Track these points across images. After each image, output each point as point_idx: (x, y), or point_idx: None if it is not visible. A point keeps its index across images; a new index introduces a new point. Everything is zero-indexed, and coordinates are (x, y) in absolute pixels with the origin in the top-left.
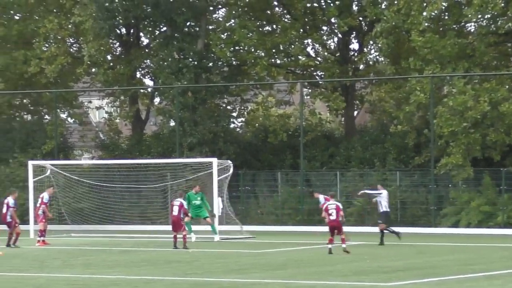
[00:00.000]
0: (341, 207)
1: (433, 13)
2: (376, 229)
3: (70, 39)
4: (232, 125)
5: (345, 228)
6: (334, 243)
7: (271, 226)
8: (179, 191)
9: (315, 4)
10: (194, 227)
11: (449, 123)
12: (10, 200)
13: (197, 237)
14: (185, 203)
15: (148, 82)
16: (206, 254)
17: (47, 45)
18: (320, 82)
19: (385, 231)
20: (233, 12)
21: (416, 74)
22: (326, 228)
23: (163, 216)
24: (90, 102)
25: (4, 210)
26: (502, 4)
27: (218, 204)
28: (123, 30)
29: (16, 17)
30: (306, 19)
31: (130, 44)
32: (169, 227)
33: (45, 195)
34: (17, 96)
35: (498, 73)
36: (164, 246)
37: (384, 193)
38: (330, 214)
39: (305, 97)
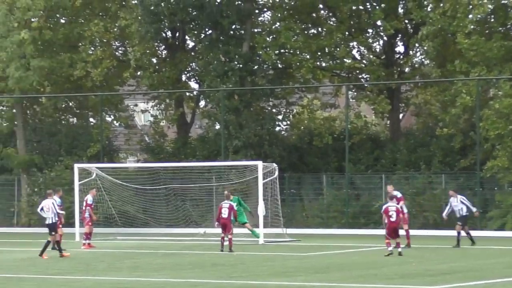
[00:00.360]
0: (401, 209)
1: (479, 16)
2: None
3: (116, 42)
4: (277, 128)
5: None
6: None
7: (316, 229)
8: (226, 193)
9: (361, 7)
10: (235, 230)
11: (495, 126)
12: (55, 199)
13: (242, 240)
14: (234, 205)
15: (193, 85)
16: (251, 257)
17: (92, 48)
18: (366, 85)
19: (462, 234)
20: (279, 14)
21: (462, 76)
22: (370, 231)
23: (208, 219)
24: (136, 105)
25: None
26: None
27: (262, 208)
28: (169, 33)
29: (62, 21)
30: (351, 22)
31: (175, 47)
32: (215, 230)
33: (89, 197)
34: (63, 99)
35: None
36: (209, 249)
37: (458, 198)
38: (390, 216)
39: (351, 100)
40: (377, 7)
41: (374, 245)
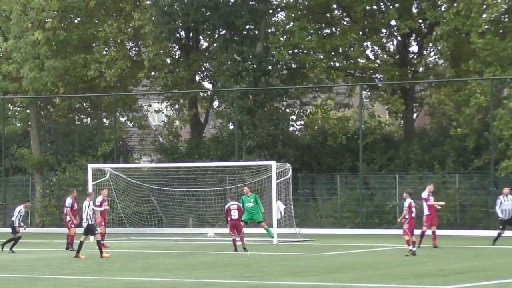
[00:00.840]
0: (413, 204)
1: (493, 15)
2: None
3: (130, 43)
4: (291, 128)
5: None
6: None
7: (330, 229)
8: (231, 195)
9: (375, 7)
10: (249, 230)
11: (509, 126)
12: (67, 200)
13: (255, 240)
14: (241, 206)
15: (207, 85)
16: (265, 257)
17: (106, 49)
18: (380, 85)
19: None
20: (292, 15)
21: (476, 76)
22: (384, 231)
23: (222, 219)
24: (150, 105)
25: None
26: None
27: (277, 207)
28: (183, 34)
29: (76, 21)
30: (365, 22)
31: (189, 47)
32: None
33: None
34: (76, 100)
35: None
36: (223, 249)
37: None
38: (411, 212)
39: (364, 100)
40: (391, 7)
41: (388, 245)
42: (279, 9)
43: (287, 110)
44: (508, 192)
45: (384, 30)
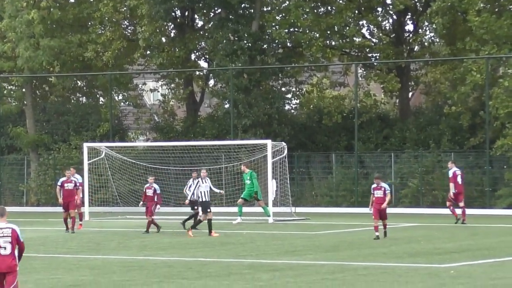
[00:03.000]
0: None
1: None
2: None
3: (125, 22)
4: (286, 107)
5: (400, 210)
6: None
7: (325, 207)
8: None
9: None
10: (248, 209)
11: (505, 105)
12: (61, 178)
13: (251, 219)
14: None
15: (202, 64)
16: (261, 235)
17: (102, 29)
18: (375, 64)
19: None
20: None
21: (471, 55)
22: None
23: (218, 198)
24: (145, 84)
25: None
26: None
27: (272, 186)
28: (178, 13)
29: (72, 0)
30: (361, 0)
31: (184, 26)
32: (222, 209)
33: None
34: (72, 79)
35: None
36: (218, 228)
37: None
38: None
39: (360, 79)
40: None
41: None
42: None
43: (283, 89)
44: None
45: (379, 9)
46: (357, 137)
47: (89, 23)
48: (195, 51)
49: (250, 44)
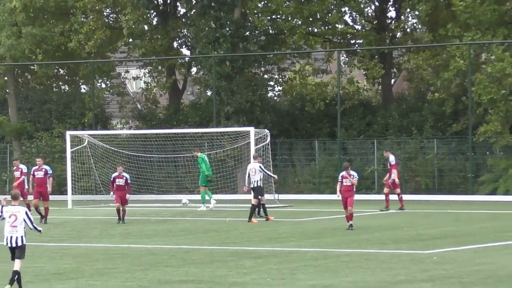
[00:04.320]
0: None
1: None
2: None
3: (108, 10)
4: (269, 94)
5: (383, 196)
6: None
7: (308, 194)
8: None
9: None
10: (232, 197)
11: (488, 91)
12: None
13: (233, 206)
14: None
15: (185, 52)
16: (244, 223)
17: (84, 19)
18: (358, 50)
19: None
20: None
21: (454, 41)
22: (362, 197)
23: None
24: (127, 72)
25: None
26: None
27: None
28: (160, 1)
29: None
30: None
31: (167, 14)
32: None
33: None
34: (54, 67)
35: None
36: (203, 216)
37: None
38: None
39: (343, 66)
40: None
41: (366, 211)
42: None
43: (265, 76)
44: None
45: None
46: (340, 124)
47: (71, 11)
48: (177, 39)
49: (232, 32)
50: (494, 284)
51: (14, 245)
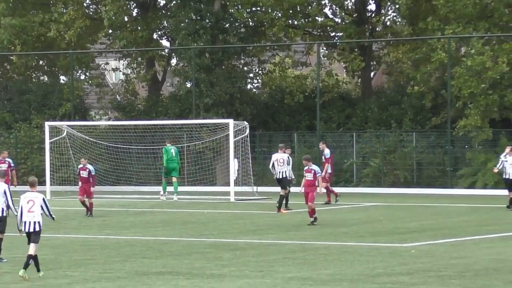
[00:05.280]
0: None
1: None
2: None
3: (87, 0)
4: (248, 86)
5: (361, 189)
6: None
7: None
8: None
9: None
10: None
11: (468, 84)
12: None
13: (213, 198)
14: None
15: (165, 43)
16: (222, 215)
17: (64, 8)
18: (338, 43)
19: None
20: None
21: (434, 34)
22: (341, 189)
23: (179, 177)
24: (107, 63)
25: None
26: None
27: (234, 166)
28: None
29: None
30: None
31: (147, 5)
32: (183, 188)
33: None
34: (33, 58)
35: None
36: (181, 207)
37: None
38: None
39: (322, 58)
40: None
41: (345, 203)
42: None
43: (245, 68)
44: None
45: None
46: (319, 117)
47: (51, 1)
48: (157, 30)
49: (212, 24)
50: (472, 278)
51: (32, 230)
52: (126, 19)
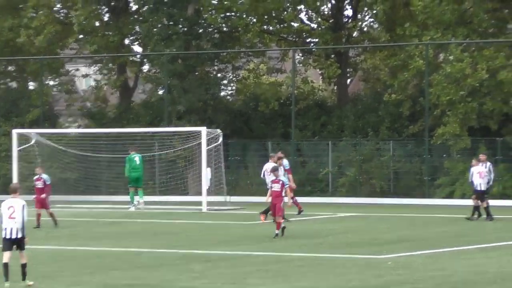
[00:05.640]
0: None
1: None
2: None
3: (58, 5)
4: (222, 93)
5: (337, 199)
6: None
7: (261, 197)
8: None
9: None
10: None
11: (446, 92)
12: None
13: (184, 208)
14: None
15: (137, 49)
16: (194, 225)
17: (34, 13)
18: (313, 49)
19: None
20: None
21: (411, 41)
22: (316, 199)
23: (150, 186)
24: (77, 69)
25: None
26: None
27: (206, 175)
28: None
29: None
30: None
31: (119, 10)
32: (154, 198)
33: None
34: (2, 63)
35: (498, 40)
36: (152, 217)
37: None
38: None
39: (298, 65)
40: None
41: (320, 214)
42: None
43: (219, 75)
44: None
45: None
46: (294, 125)
47: (21, 6)
48: (129, 36)
49: (185, 29)
50: None
51: (14, 237)
52: (97, 24)
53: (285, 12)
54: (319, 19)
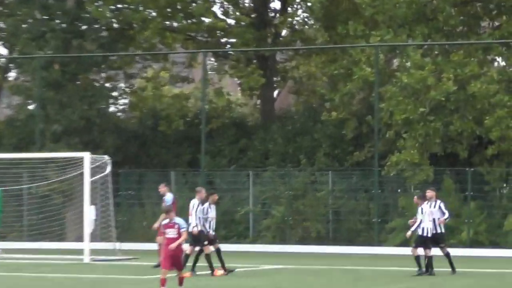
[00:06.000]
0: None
1: None
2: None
3: None
4: (111, 109)
5: (260, 247)
6: None
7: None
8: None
9: None
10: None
11: (402, 108)
12: None
13: (62, 258)
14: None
15: (1, 50)
16: (73, 281)
17: None
18: (230, 52)
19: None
20: None
21: (357, 42)
22: (232, 247)
23: (16, 230)
24: None
25: None
26: None
27: (90, 215)
28: None
29: None
30: None
31: None
32: (25, 245)
33: None
34: None
35: (468, 42)
36: (18, 270)
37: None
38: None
39: (210, 72)
40: None
41: (239, 266)
42: None
43: (107, 84)
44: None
45: None
46: (204, 150)
47: None
48: None
49: (64, 25)
50: None
51: None
52: None
53: (194, 4)
54: (238, 13)
